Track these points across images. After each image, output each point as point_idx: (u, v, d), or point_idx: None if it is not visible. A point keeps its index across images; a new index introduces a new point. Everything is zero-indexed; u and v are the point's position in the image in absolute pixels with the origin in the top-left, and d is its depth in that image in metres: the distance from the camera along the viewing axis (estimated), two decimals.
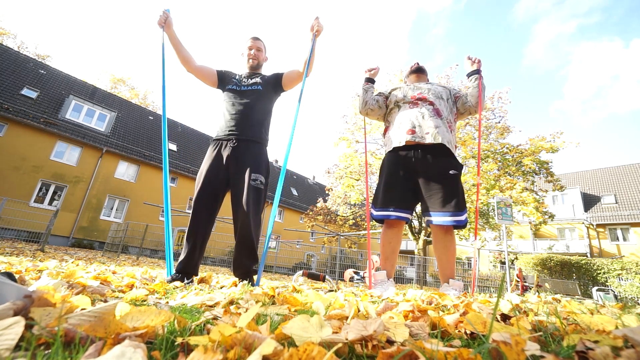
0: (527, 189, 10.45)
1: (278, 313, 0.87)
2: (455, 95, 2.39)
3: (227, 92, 2.34)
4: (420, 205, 2.22)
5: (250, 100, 2.24)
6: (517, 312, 1.03)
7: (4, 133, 12.39)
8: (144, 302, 1.02)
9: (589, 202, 21.72)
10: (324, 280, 2.82)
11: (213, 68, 2.40)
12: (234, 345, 0.47)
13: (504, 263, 13.73)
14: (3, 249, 4.95)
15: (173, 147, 18.31)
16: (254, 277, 2.01)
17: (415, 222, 12.91)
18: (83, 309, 0.57)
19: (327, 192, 15.00)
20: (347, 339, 0.53)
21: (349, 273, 3.13)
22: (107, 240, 10.15)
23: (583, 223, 20.41)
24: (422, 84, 2.41)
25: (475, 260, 1.93)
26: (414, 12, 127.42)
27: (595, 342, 0.56)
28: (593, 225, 20.26)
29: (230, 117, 2.20)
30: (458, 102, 2.38)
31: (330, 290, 2.08)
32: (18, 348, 0.45)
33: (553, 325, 0.81)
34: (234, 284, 1.82)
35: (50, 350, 0.44)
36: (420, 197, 2.19)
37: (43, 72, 15.92)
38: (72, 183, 13.72)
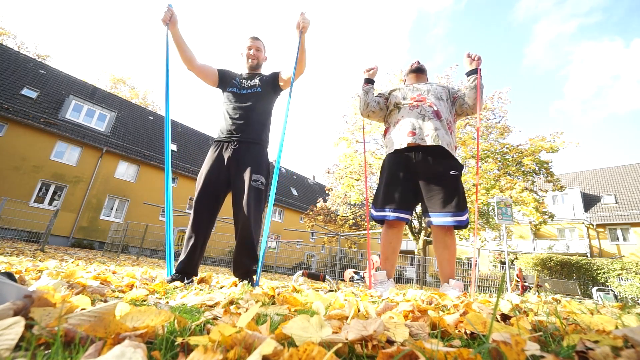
0: (527, 189, 10.45)
1: (278, 313, 0.87)
2: (454, 96, 2.39)
3: (227, 93, 2.34)
4: (421, 206, 2.22)
5: (251, 103, 2.25)
6: (517, 312, 1.03)
7: (4, 133, 12.40)
8: (144, 302, 1.02)
9: (589, 202, 21.73)
10: (324, 280, 2.82)
11: (214, 67, 2.39)
12: (234, 345, 0.47)
13: (504, 263, 13.72)
14: (3, 249, 4.95)
15: (173, 147, 18.28)
16: (254, 277, 2.01)
17: (415, 222, 12.91)
18: (83, 309, 0.57)
19: (327, 192, 15.00)
20: (347, 339, 0.53)
21: (349, 273, 3.13)
22: (107, 240, 10.15)
23: (583, 223, 20.42)
24: (421, 85, 2.40)
25: (475, 261, 1.92)
26: (415, 11, 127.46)
27: (595, 342, 0.56)
28: (593, 225, 20.26)
29: (231, 119, 2.22)
30: (456, 103, 2.37)
31: (330, 290, 2.08)
32: (18, 348, 0.45)
33: (553, 325, 0.81)
34: (234, 284, 1.82)
35: (50, 350, 0.44)
36: (421, 198, 2.20)
37: (43, 72, 15.92)
38: (72, 183, 13.72)
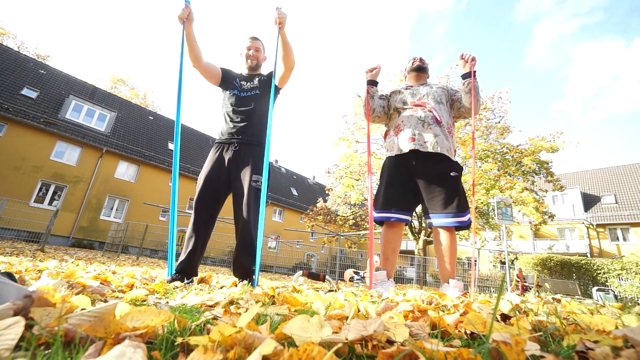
0: (527, 189, 10.45)
1: (278, 313, 0.87)
2: (452, 97, 2.36)
3: (227, 95, 2.34)
4: (422, 207, 2.21)
5: (251, 106, 2.26)
6: (517, 312, 1.03)
7: (4, 133, 12.39)
8: (144, 302, 1.02)
9: (589, 202, 21.72)
10: (324, 280, 2.82)
11: (218, 66, 2.39)
12: (234, 345, 0.47)
13: (504, 263, 13.72)
14: (3, 249, 4.95)
15: (173, 147, 18.29)
16: (254, 277, 2.01)
17: (415, 222, 12.90)
18: (83, 309, 0.57)
19: (327, 192, 14.99)
20: (347, 339, 0.53)
21: (349, 273, 3.13)
22: (107, 240, 10.15)
23: (583, 223, 20.41)
24: (421, 88, 2.37)
25: (474, 260, 1.92)
26: (415, 11, 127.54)
27: (595, 342, 0.56)
28: (593, 225, 20.26)
29: (232, 122, 2.24)
30: (454, 105, 2.36)
31: (330, 290, 2.08)
32: (18, 348, 0.45)
33: (553, 325, 0.81)
34: (234, 284, 1.82)
35: (50, 350, 0.44)
36: (421, 199, 2.20)
37: (43, 72, 15.92)
38: (72, 183, 13.72)
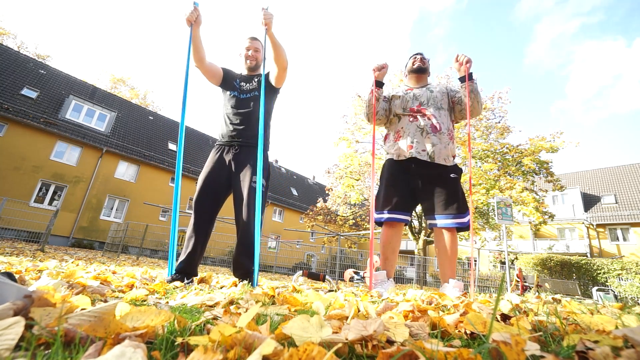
0: (527, 189, 10.45)
1: (278, 313, 0.87)
2: (452, 100, 2.34)
3: (227, 97, 2.34)
4: (422, 208, 2.22)
5: (250, 107, 2.25)
6: (517, 312, 1.03)
7: (4, 133, 12.39)
8: (144, 302, 1.02)
9: (589, 202, 21.72)
10: (324, 280, 2.82)
11: (219, 67, 2.38)
12: (234, 345, 0.47)
13: (504, 263, 13.71)
14: (3, 249, 4.95)
15: (173, 147, 18.32)
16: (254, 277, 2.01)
17: (415, 222, 12.90)
18: (83, 309, 0.57)
19: (327, 192, 14.99)
20: (347, 339, 0.53)
21: (349, 273, 3.13)
22: (107, 240, 10.15)
23: (583, 223, 20.41)
24: (421, 91, 2.33)
25: (472, 260, 1.92)
26: (416, 11, 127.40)
27: (595, 342, 0.56)
28: (593, 225, 20.25)
29: (232, 124, 2.24)
30: (455, 108, 2.33)
31: (330, 290, 2.08)
32: (18, 348, 0.45)
33: (553, 325, 0.81)
34: (234, 284, 1.82)
35: (50, 350, 0.44)
36: (421, 200, 2.21)
37: (43, 72, 15.92)
38: (72, 183, 13.72)
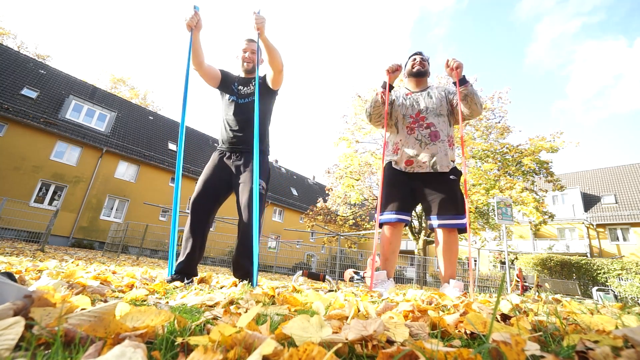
0: (527, 189, 10.45)
1: (278, 313, 0.87)
2: (451, 103, 2.32)
3: (226, 101, 2.33)
4: (422, 209, 2.23)
5: (249, 113, 2.22)
6: (517, 312, 1.03)
7: (4, 133, 12.39)
8: (144, 302, 1.02)
9: (589, 202, 21.72)
10: (324, 280, 2.82)
11: (217, 69, 2.36)
12: (234, 345, 0.47)
13: (504, 263, 13.70)
14: (3, 249, 4.95)
15: (173, 147, 18.32)
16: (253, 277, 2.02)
17: (415, 222, 12.90)
18: (83, 309, 0.57)
19: (327, 192, 14.99)
20: (347, 339, 0.53)
21: (349, 273, 3.13)
22: (107, 240, 10.14)
23: (583, 223, 20.40)
24: (421, 97, 2.31)
25: (470, 259, 1.92)
26: (417, 10, 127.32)
27: (595, 342, 0.56)
28: (593, 225, 20.25)
29: (232, 131, 2.25)
30: (454, 110, 2.32)
31: (330, 290, 2.08)
32: (18, 348, 0.45)
33: (553, 325, 0.81)
34: (234, 284, 1.82)
35: (50, 350, 0.44)
36: (421, 200, 2.23)
37: (43, 72, 15.92)
38: (72, 183, 13.71)
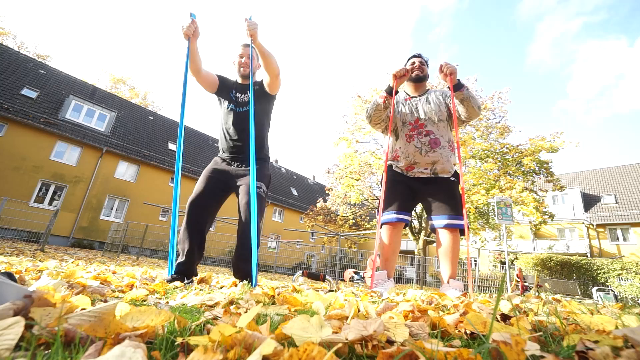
0: (527, 189, 10.45)
1: (278, 313, 0.87)
2: (449, 106, 2.30)
3: (224, 108, 2.32)
4: (423, 209, 2.23)
5: (248, 122, 2.19)
6: (517, 312, 1.03)
7: (4, 133, 12.39)
8: (144, 302, 1.02)
9: (589, 202, 21.71)
10: (324, 280, 2.82)
11: (214, 75, 2.35)
12: (234, 345, 0.47)
13: (504, 263, 13.70)
14: (3, 249, 4.95)
15: (173, 147, 18.32)
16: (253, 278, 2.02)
17: (415, 222, 12.90)
18: (83, 309, 0.57)
19: (327, 192, 15.00)
20: (347, 339, 0.53)
21: (349, 273, 3.13)
22: (107, 240, 10.14)
23: (583, 223, 20.40)
24: (420, 103, 2.30)
25: (469, 259, 1.92)
26: (418, 10, 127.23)
27: (595, 342, 0.56)
28: (593, 225, 20.25)
29: (231, 140, 2.26)
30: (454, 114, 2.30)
31: (330, 290, 2.08)
32: (18, 348, 0.45)
33: (553, 325, 0.81)
34: (234, 284, 1.82)
35: (50, 350, 0.44)
36: (421, 200, 2.25)
37: (43, 72, 15.91)
38: (72, 183, 13.71)
